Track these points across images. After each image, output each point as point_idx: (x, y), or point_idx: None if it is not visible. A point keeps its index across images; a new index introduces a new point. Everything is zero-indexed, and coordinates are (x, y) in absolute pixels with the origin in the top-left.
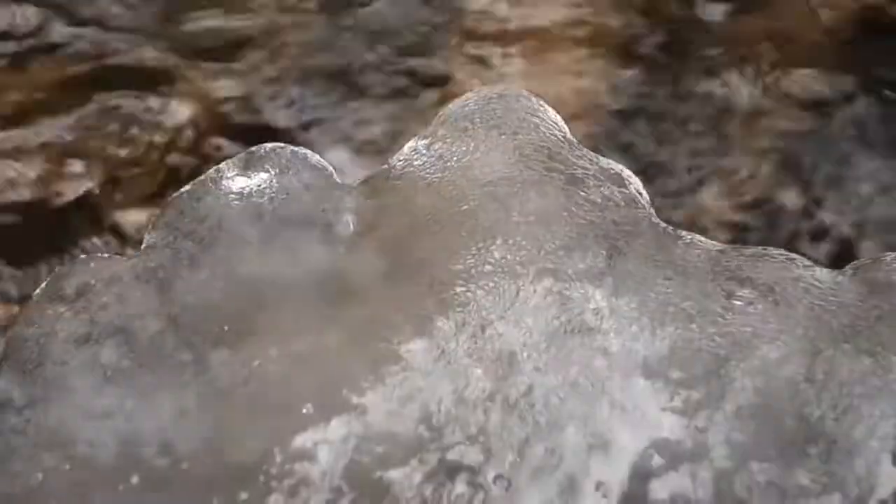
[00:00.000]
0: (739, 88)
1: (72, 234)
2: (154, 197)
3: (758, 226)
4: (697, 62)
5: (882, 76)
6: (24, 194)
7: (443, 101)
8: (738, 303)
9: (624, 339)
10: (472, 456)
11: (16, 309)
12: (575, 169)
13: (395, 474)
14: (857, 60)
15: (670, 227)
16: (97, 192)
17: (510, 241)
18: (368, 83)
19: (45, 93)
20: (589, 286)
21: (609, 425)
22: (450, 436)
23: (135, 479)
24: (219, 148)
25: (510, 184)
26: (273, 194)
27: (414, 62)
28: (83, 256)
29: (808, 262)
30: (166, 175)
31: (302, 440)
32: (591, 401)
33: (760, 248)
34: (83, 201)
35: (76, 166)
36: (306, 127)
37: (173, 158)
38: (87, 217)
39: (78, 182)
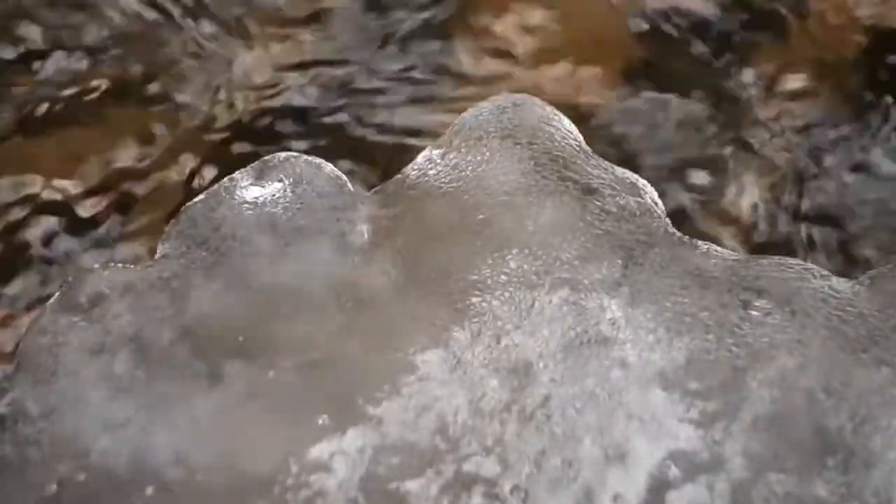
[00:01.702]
0: None
1: None
2: None
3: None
4: None
5: None
6: None
7: None
8: (755, 313)
9: (640, 350)
10: (489, 467)
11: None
12: (590, 178)
13: (411, 485)
14: None
15: (686, 237)
16: None
17: (526, 251)
18: None
19: None
20: (605, 296)
21: (626, 436)
22: (466, 447)
23: (149, 490)
24: None
25: (525, 193)
26: (287, 204)
27: None
28: (97, 266)
29: (825, 272)
30: None
31: (318, 451)
32: (607, 412)
33: (777, 257)
34: None
35: None
36: None
37: None
38: None
39: None
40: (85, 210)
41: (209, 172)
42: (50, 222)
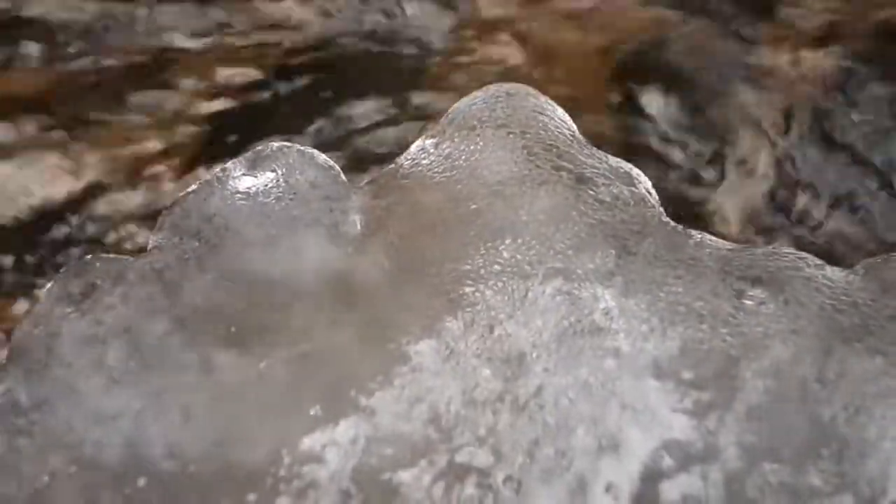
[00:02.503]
0: None
1: None
2: None
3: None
4: None
5: None
6: None
7: None
8: (749, 302)
9: (634, 340)
10: (482, 457)
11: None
12: (584, 168)
13: (404, 476)
14: None
15: (680, 226)
16: None
17: (519, 241)
18: None
19: None
20: (598, 286)
21: (619, 426)
22: (459, 437)
23: (142, 482)
24: None
25: (519, 183)
26: (280, 194)
27: None
28: (89, 257)
29: (818, 262)
30: None
31: (310, 442)
32: (601, 402)
33: (771, 247)
34: None
35: None
36: None
37: None
38: None
39: None
40: (78, 199)
41: (201, 162)
42: (46, 214)
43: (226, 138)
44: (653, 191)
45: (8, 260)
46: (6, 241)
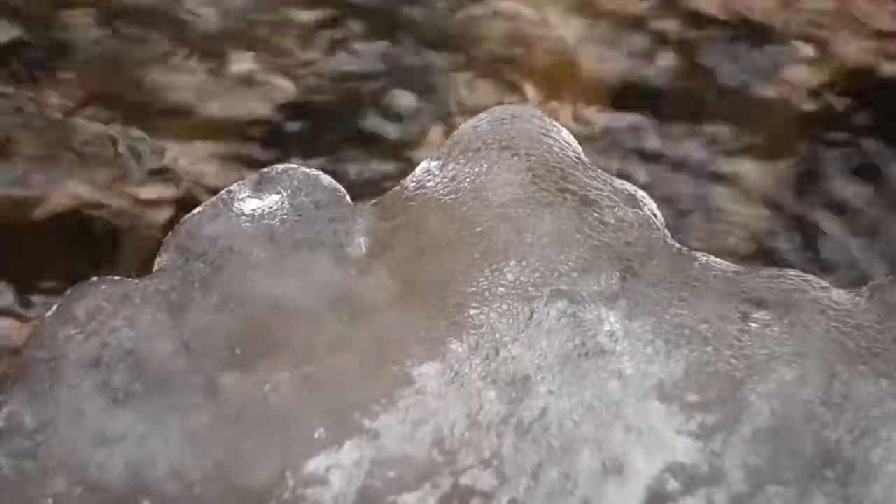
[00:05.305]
0: None
1: None
2: None
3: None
4: None
5: None
6: None
7: None
8: (754, 325)
9: (638, 362)
10: (486, 480)
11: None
12: (588, 190)
13: (408, 499)
14: None
15: (685, 249)
16: None
17: (523, 263)
18: None
19: None
20: (603, 308)
21: (624, 449)
22: (463, 460)
23: None
24: None
25: (523, 205)
26: (285, 216)
27: None
28: (94, 279)
29: (824, 284)
30: None
31: (314, 464)
32: (605, 424)
33: (776, 269)
34: None
35: None
36: None
37: None
38: None
39: None
40: (84, 222)
41: (207, 184)
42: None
43: None
44: (658, 212)
45: None
46: None
